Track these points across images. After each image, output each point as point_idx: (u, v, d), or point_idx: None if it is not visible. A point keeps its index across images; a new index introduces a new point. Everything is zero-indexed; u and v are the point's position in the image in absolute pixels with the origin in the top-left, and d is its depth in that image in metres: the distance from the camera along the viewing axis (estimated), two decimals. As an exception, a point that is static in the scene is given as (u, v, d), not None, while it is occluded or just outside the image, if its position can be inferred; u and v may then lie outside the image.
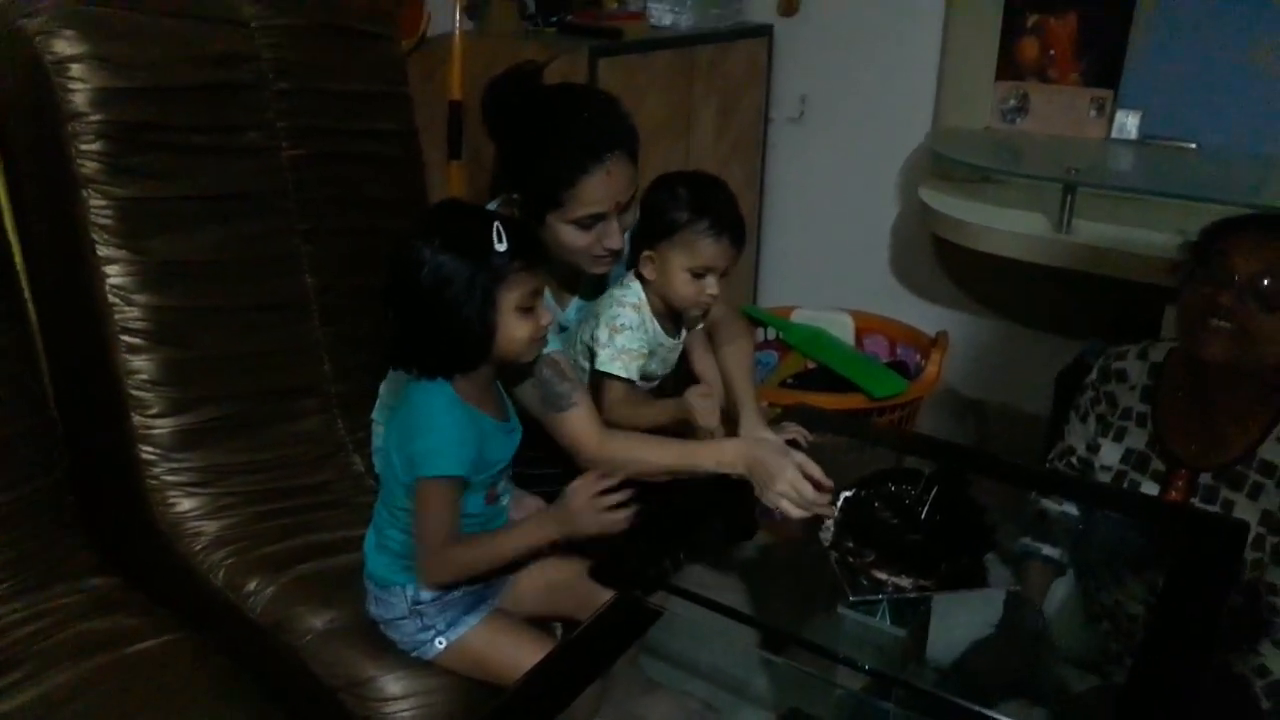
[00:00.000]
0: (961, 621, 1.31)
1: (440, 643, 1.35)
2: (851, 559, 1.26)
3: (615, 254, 1.48)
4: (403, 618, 1.36)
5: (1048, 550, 1.51)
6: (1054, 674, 1.52)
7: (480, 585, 1.37)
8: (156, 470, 1.51)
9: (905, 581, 1.22)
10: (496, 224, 1.22)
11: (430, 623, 1.35)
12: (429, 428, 1.26)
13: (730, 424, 1.61)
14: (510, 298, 1.24)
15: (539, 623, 1.44)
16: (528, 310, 1.26)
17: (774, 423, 1.60)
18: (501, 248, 1.21)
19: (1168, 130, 2.26)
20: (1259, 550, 1.36)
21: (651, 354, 1.55)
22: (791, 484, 1.32)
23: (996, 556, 1.32)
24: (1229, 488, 1.40)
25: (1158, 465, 1.46)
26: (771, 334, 2.59)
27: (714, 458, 1.41)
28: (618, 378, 1.49)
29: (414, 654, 1.37)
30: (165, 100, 1.48)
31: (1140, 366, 1.51)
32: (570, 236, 1.43)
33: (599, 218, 1.42)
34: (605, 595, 1.33)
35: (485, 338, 1.24)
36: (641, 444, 1.45)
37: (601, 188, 1.39)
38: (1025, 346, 2.63)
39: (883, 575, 1.23)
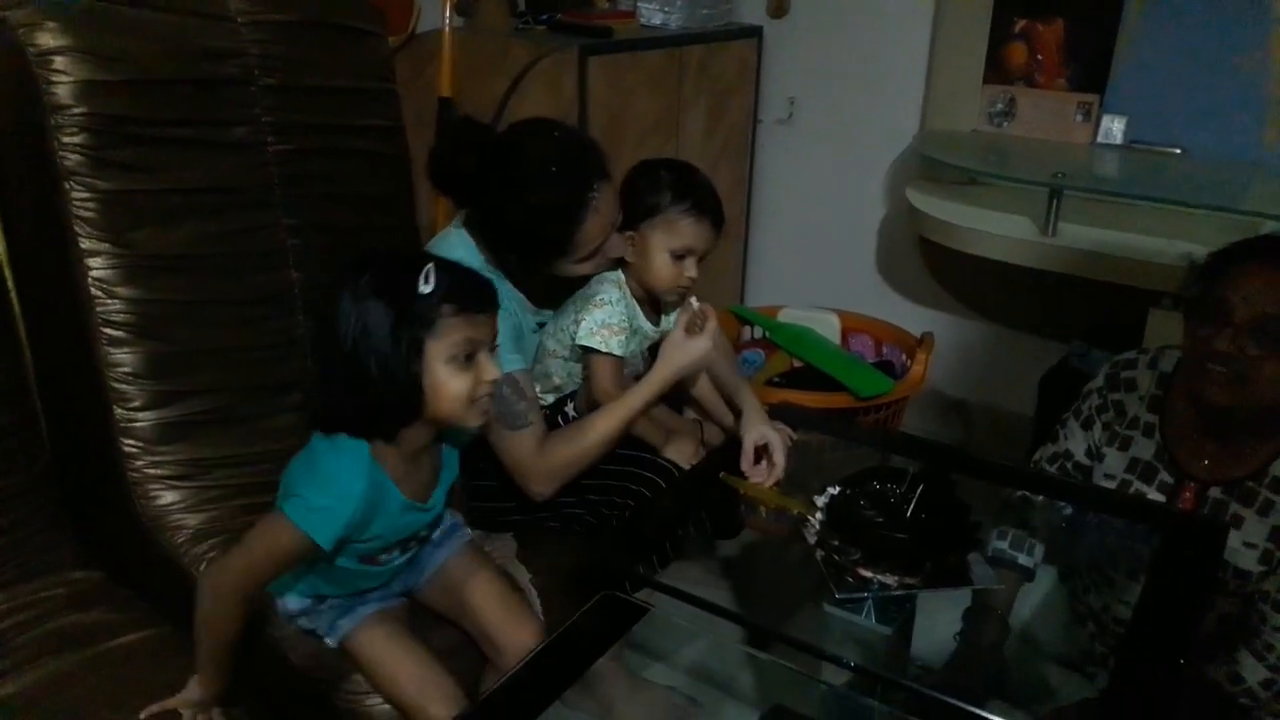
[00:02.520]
0: (946, 619, 1.31)
1: (330, 641, 1.34)
2: (837, 556, 1.26)
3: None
4: (290, 633, 1.35)
5: (1023, 559, 1.44)
6: (1038, 676, 1.52)
7: (352, 593, 1.33)
8: (139, 464, 1.50)
9: (890, 579, 1.22)
10: (428, 266, 1.09)
11: (312, 626, 1.35)
12: (325, 481, 1.13)
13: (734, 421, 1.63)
14: (439, 347, 1.10)
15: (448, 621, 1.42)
16: (465, 361, 1.12)
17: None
18: (427, 288, 1.08)
19: (1153, 135, 2.27)
20: (1266, 564, 1.35)
21: (633, 332, 1.55)
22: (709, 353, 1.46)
23: (980, 555, 1.31)
24: (1239, 503, 1.37)
25: (1165, 477, 1.44)
26: (758, 333, 2.59)
27: (641, 398, 1.46)
28: (601, 353, 1.50)
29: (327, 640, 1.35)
30: (149, 94, 1.46)
31: (1149, 376, 1.48)
32: (578, 269, 1.47)
33: (600, 244, 1.45)
34: (502, 609, 1.37)
35: (408, 392, 1.11)
36: (575, 431, 1.47)
37: (596, 225, 1.42)
38: (1009, 348, 2.64)
39: (868, 573, 1.23)
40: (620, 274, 1.53)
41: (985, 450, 2.67)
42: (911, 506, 1.25)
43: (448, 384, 1.12)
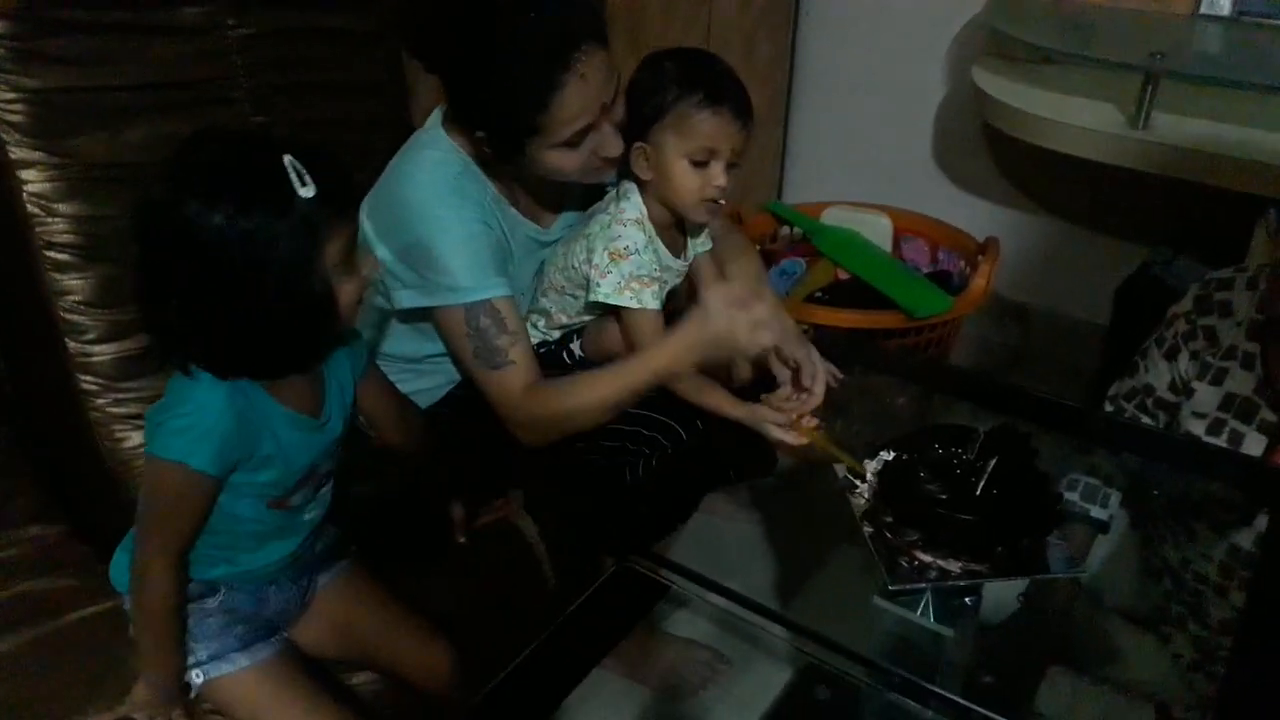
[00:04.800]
0: (1012, 610, 1.14)
1: (196, 676, 1.10)
2: (889, 535, 1.08)
3: (615, 160, 1.27)
4: None
5: (1096, 512, 1.28)
6: (1107, 637, 1.38)
7: (251, 623, 1.13)
8: (100, 402, 1.37)
9: (954, 565, 1.04)
10: (290, 160, 0.91)
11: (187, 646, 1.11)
12: (177, 401, 0.98)
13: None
14: (331, 254, 0.94)
15: (332, 665, 1.23)
16: (349, 265, 0.97)
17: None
18: (308, 192, 0.91)
19: (1267, 6, 1.96)
20: None
21: (665, 270, 1.34)
22: (752, 339, 1.13)
23: (1060, 534, 1.13)
24: None
25: (1267, 415, 1.28)
26: (796, 234, 2.36)
27: (649, 369, 1.19)
28: (634, 309, 1.29)
29: None
30: (77, -30, 1.27)
31: (1248, 298, 1.30)
32: (559, 160, 1.22)
33: (586, 130, 1.20)
34: (402, 638, 1.20)
35: (327, 316, 0.96)
36: (573, 386, 1.25)
37: (579, 97, 1.16)
38: (1081, 250, 2.42)
39: (927, 557, 1.05)
40: (640, 208, 1.30)
41: (1047, 360, 2.48)
42: (983, 481, 1.06)
43: (341, 293, 0.97)
